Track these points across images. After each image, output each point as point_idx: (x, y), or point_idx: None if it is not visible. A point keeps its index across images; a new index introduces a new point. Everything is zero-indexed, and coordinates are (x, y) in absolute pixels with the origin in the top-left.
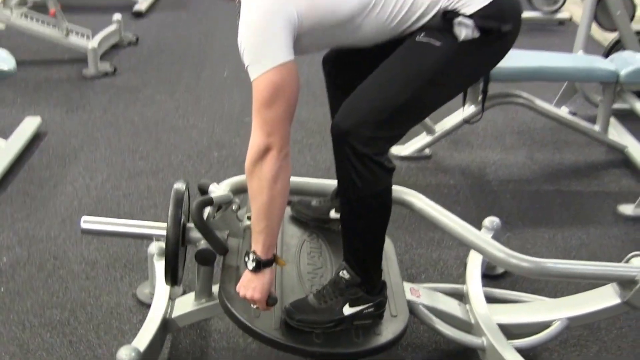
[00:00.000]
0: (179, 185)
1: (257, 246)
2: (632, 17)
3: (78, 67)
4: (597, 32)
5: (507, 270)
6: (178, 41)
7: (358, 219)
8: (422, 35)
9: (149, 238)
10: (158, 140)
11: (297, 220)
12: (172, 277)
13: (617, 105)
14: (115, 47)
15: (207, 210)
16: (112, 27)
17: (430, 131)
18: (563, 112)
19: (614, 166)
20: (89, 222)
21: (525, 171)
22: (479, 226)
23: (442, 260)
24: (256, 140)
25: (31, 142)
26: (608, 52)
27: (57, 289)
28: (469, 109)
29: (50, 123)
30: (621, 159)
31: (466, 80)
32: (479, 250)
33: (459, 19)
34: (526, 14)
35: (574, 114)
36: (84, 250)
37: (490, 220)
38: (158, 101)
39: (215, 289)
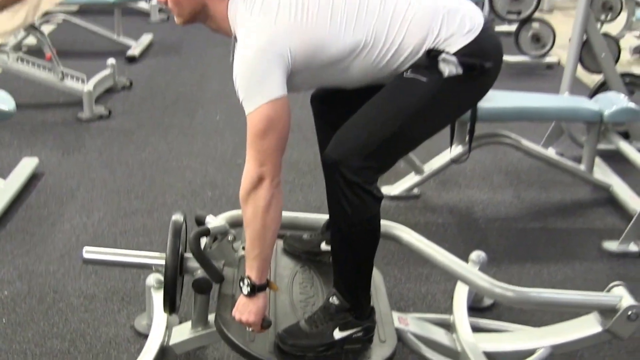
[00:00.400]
0: (177, 217)
1: (252, 272)
2: (616, 60)
3: (73, 110)
4: (584, 75)
5: (492, 299)
6: (171, 85)
7: (348, 245)
8: (409, 72)
9: (148, 267)
10: (152, 181)
11: (289, 253)
12: (171, 305)
13: (602, 146)
14: (109, 91)
15: (204, 241)
16: (106, 72)
17: (418, 171)
18: (550, 152)
19: (599, 204)
20: (90, 252)
21: (512, 210)
22: (465, 261)
23: (430, 293)
24: (250, 170)
25: (29, 182)
26: (594, 94)
27: (57, 321)
28: (456, 149)
29: (47, 164)
30: (606, 197)
31: (451, 115)
32: (465, 280)
33: (443, 55)
34: (514, 58)
35: (560, 154)
36: (83, 285)
37: (477, 254)
38: (152, 143)
39: (211, 317)
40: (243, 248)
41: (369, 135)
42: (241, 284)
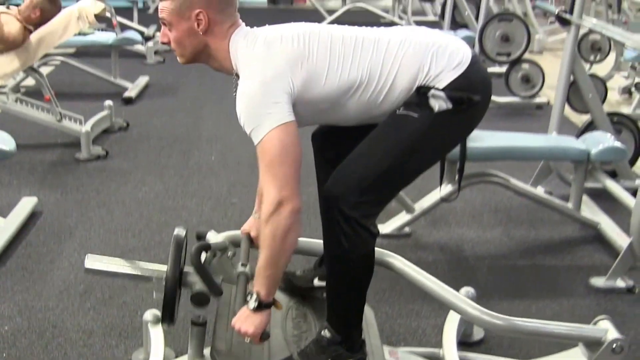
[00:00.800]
0: (180, 231)
1: (262, 289)
2: (603, 100)
3: (71, 150)
4: (573, 115)
5: (481, 327)
6: (167, 126)
7: (343, 279)
8: (401, 109)
9: (148, 280)
10: (149, 220)
11: (283, 288)
12: (170, 316)
13: (590, 184)
14: (106, 131)
15: (204, 256)
16: (103, 113)
17: (409, 210)
18: (538, 191)
19: (587, 242)
20: (92, 261)
21: (501, 247)
22: None
23: (421, 328)
24: (270, 195)
25: (28, 220)
26: (581, 133)
27: (56, 355)
28: (446, 188)
29: (45, 203)
30: (594, 234)
31: (443, 148)
32: (455, 308)
33: (432, 92)
34: (505, 99)
35: (549, 193)
36: (81, 320)
37: (466, 290)
38: (148, 183)
39: (206, 351)
40: (242, 265)
41: (365, 171)
42: (248, 297)
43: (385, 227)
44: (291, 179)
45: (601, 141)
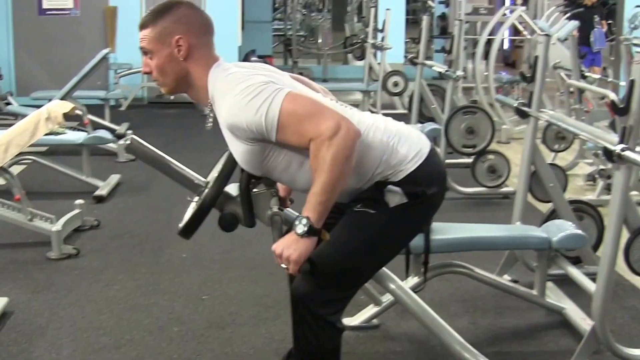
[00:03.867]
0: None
1: (314, 214)
2: (564, 188)
3: (42, 249)
4: (540, 203)
5: None
6: (138, 225)
7: None
8: (359, 205)
9: (189, 184)
10: (120, 317)
11: None
12: (192, 229)
13: (555, 271)
14: (77, 230)
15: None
16: (74, 212)
17: (377, 302)
18: (504, 279)
19: (553, 327)
20: (138, 142)
21: (468, 336)
22: None
23: None
24: (327, 123)
25: None
26: (544, 222)
27: None
28: (412, 280)
29: (16, 303)
30: (559, 320)
31: (402, 240)
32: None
33: (389, 187)
34: (471, 190)
35: (515, 281)
36: None
37: None
38: (120, 281)
39: None
40: (279, 208)
41: (330, 270)
42: (297, 222)
43: (354, 320)
44: (336, 112)
45: (561, 229)
